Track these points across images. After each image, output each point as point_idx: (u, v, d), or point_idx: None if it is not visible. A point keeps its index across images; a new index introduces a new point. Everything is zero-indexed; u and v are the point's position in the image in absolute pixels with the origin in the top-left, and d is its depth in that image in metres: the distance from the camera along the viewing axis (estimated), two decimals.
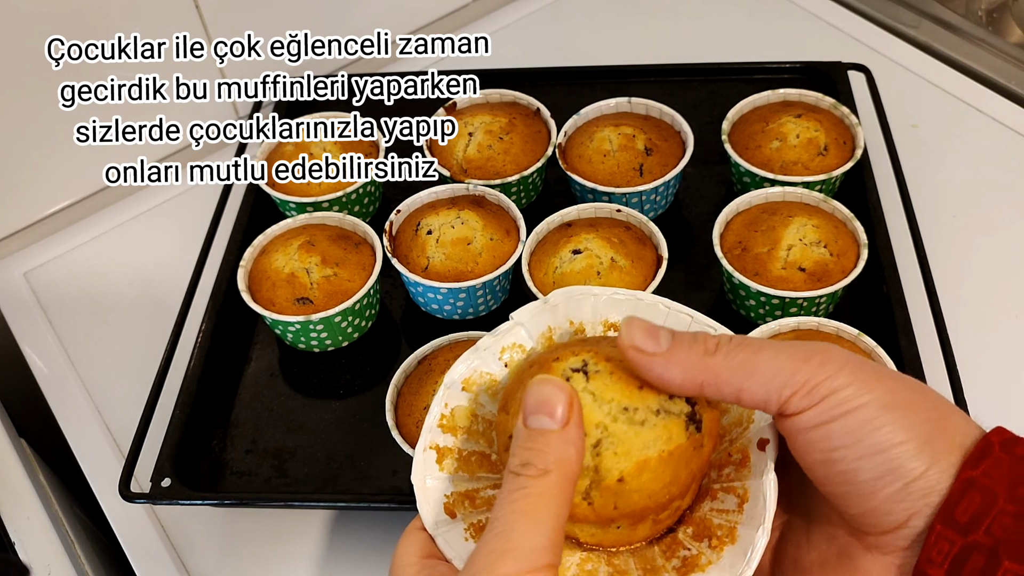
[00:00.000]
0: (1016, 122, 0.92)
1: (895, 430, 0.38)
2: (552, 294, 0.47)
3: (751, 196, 0.76)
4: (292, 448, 0.70)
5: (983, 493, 0.37)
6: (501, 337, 0.46)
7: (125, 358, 0.82)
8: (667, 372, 0.40)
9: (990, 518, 0.37)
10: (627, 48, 1.07)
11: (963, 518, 0.37)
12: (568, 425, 0.39)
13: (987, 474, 0.37)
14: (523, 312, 0.47)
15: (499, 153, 0.82)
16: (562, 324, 0.48)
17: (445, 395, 0.45)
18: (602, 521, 0.42)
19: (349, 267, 0.74)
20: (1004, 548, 0.36)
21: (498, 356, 0.47)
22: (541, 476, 0.38)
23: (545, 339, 0.47)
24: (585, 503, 0.41)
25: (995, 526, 0.37)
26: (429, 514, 0.43)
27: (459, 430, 0.45)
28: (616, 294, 0.48)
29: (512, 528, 0.36)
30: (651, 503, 0.41)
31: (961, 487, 0.37)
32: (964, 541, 0.37)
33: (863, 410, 0.38)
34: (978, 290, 0.79)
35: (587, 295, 0.48)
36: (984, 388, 0.70)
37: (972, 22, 1.03)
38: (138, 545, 0.70)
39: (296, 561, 0.68)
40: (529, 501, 0.37)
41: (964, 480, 0.38)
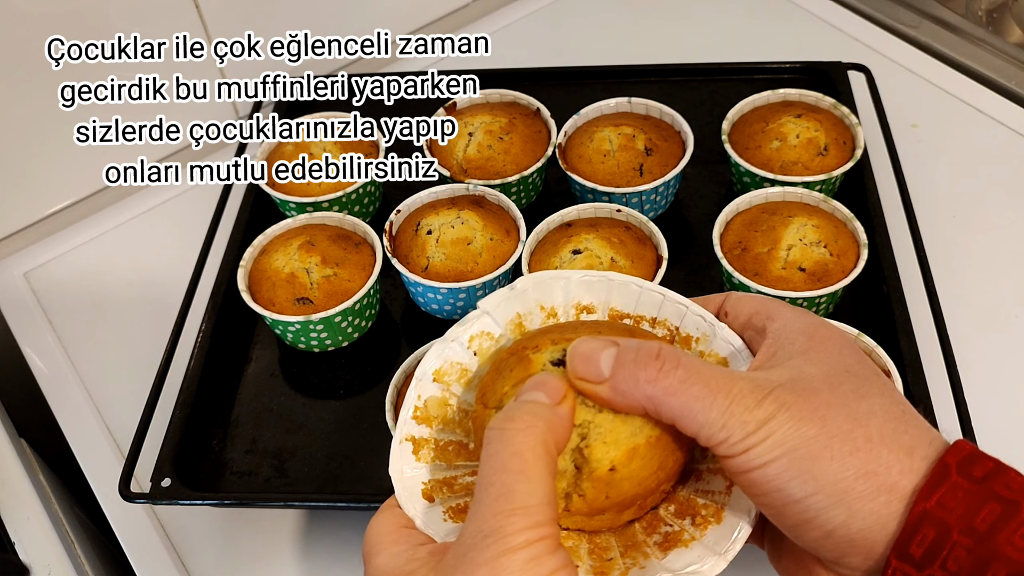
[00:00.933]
0: (1016, 122, 0.92)
1: (805, 482, 0.38)
2: (519, 280, 0.47)
3: (751, 196, 0.76)
4: (292, 448, 0.70)
5: (937, 527, 0.36)
6: (468, 326, 0.46)
7: (125, 358, 0.82)
8: (612, 400, 0.40)
9: (945, 552, 0.36)
10: (627, 48, 1.07)
11: (917, 552, 0.37)
12: (561, 404, 0.40)
13: (941, 505, 0.37)
14: (489, 300, 0.47)
15: (499, 153, 0.82)
16: (532, 310, 0.48)
17: (417, 387, 0.46)
18: (593, 512, 0.42)
19: (349, 267, 0.74)
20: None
21: (467, 345, 0.47)
22: (528, 428, 0.38)
23: (515, 326, 0.47)
24: (577, 495, 0.41)
25: (950, 561, 0.36)
26: (407, 500, 0.43)
27: (434, 420, 0.46)
28: (587, 276, 0.47)
29: (513, 489, 0.36)
30: (641, 490, 0.42)
31: (914, 520, 0.37)
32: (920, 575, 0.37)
33: (775, 463, 0.38)
34: (978, 290, 0.79)
35: (557, 279, 0.47)
36: (984, 388, 0.70)
37: (972, 22, 1.03)
38: (138, 545, 0.70)
39: (296, 561, 0.68)
40: (522, 460, 0.37)
41: (917, 513, 0.37)
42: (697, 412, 0.39)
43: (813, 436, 0.38)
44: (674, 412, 0.39)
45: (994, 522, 0.35)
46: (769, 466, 0.38)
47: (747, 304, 0.45)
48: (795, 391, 0.39)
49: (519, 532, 0.35)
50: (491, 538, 0.35)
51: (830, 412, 0.39)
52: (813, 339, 0.42)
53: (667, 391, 0.39)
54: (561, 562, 0.35)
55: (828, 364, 0.41)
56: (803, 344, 0.42)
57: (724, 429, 0.38)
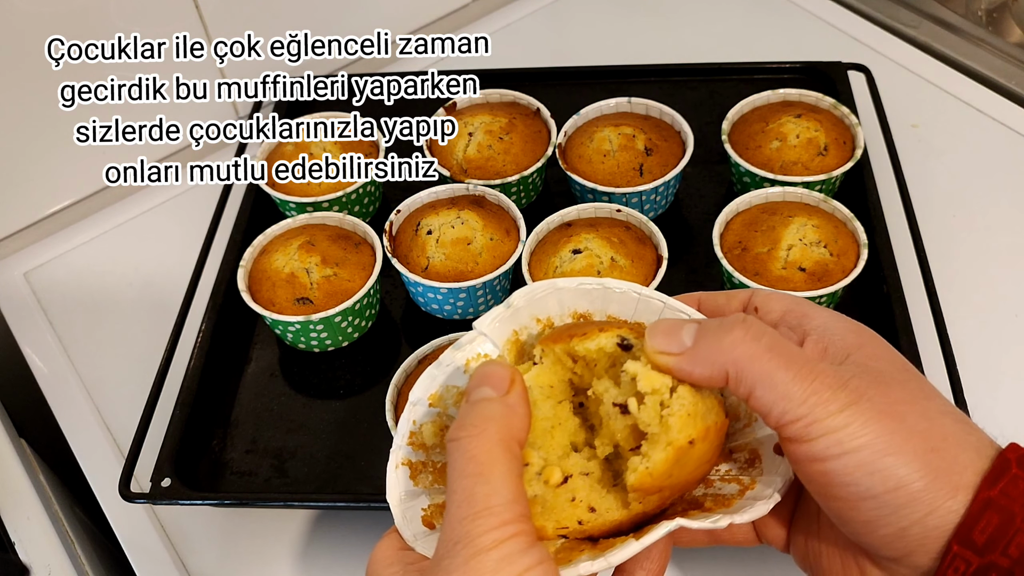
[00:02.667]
0: (1016, 122, 0.92)
1: (886, 478, 0.37)
2: (514, 296, 0.46)
3: (751, 196, 0.76)
4: (292, 448, 0.70)
5: (1000, 513, 0.36)
6: (464, 350, 0.45)
7: (125, 358, 0.82)
8: (695, 369, 0.40)
9: (1007, 538, 0.36)
10: (627, 48, 1.07)
11: (980, 539, 0.37)
12: (510, 392, 0.39)
13: (1005, 493, 0.37)
14: (485, 320, 0.46)
15: (499, 153, 0.82)
16: (528, 324, 0.47)
17: (412, 412, 0.45)
18: (647, 490, 0.40)
19: (349, 267, 0.74)
20: (1020, 569, 0.36)
21: (463, 369, 0.46)
22: (480, 433, 0.37)
23: (511, 344, 0.47)
24: (644, 467, 0.39)
25: (1012, 547, 0.36)
26: (407, 529, 0.43)
27: (429, 446, 0.45)
28: (583, 284, 0.47)
29: (473, 492, 0.36)
30: (695, 477, 0.41)
31: (979, 507, 0.37)
32: (981, 561, 0.37)
33: (860, 453, 0.37)
34: (978, 290, 0.79)
35: (550, 291, 0.47)
36: (984, 388, 0.70)
37: (972, 22, 1.03)
38: (138, 545, 0.70)
39: (296, 561, 0.68)
40: (478, 464, 0.37)
41: (982, 500, 0.37)
42: (779, 382, 0.38)
43: (894, 430, 0.37)
44: (755, 379, 0.38)
45: None
46: (849, 456, 0.37)
47: (778, 301, 0.45)
48: (871, 383, 0.39)
49: (486, 533, 0.35)
50: (460, 544, 0.35)
51: (906, 408, 0.38)
52: (862, 337, 0.42)
53: (752, 356, 0.38)
54: (536, 559, 0.35)
55: (887, 362, 0.41)
56: (854, 341, 0.41)
57: (805, 405, 0.37)
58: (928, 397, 0.40)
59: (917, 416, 0.38)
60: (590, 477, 0.43)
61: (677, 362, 0.40)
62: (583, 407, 0.46)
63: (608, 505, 0.43)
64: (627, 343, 0.43)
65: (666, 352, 0.40)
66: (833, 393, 0.38)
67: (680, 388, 0.40)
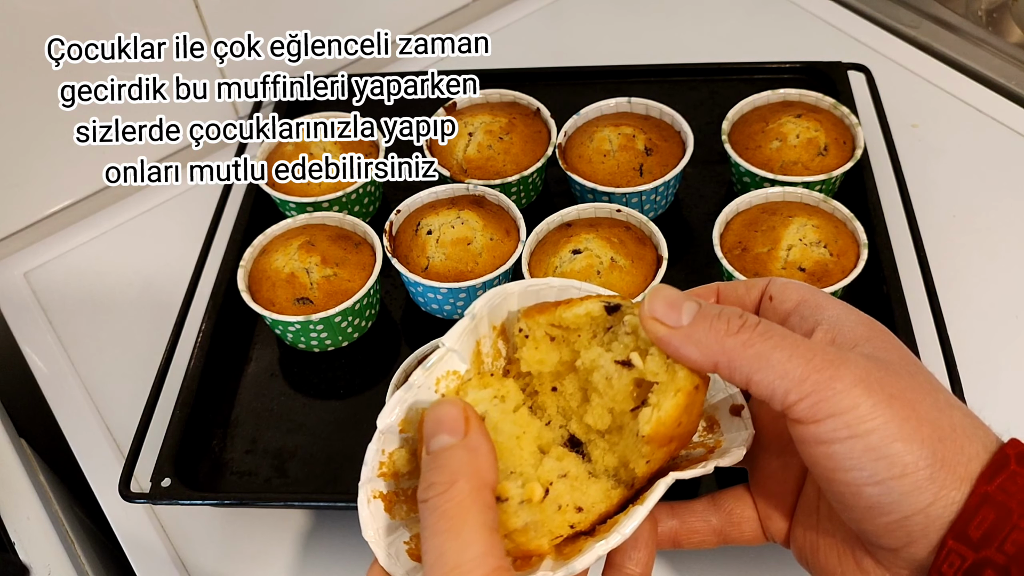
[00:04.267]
0: (1016, 122, 0.92)
1: (892, 465, 0.37)
2: (475, 305, 0.46)
3: (751, 196, 0.76)
4: (292, 448, 0.70)
5: (997, 509, 0.36)
6: (433, 368, 0.45)
7: (125, 358, 0.82)
8: (684, 348, 0.39)
9: (1003, 534, 0.36)
10: (627, 48, 1.07)
11: (976, 534, 0.36)
12: (468, 434, 0.38)
13: (1002, 489, 0.37)
14: (452, 335, 0.45)
15: (499, 153, 0.82)
16: (487, 333, 0.47)
17: (380, 442, 0.43)
18: (661, 440, 0.41)
19: (349, 267, 0.74)
20: (1015, 566, 0.36)
21: (433, 389, 0.45)
22: (448, 489, 0.37)
23: (475, 356, 0.46)
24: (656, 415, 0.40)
25: (1008, 543, 0.36)
26: (398, 568, 0.42)
27: (404, 473, 0.44)
28: (531, 285, 0.47)
29: (444, 550, 0.36)
30: (694, 428, 0.42)
31: (976, 502, 0.37)
32: (976, 556, 0.36)
33: (869, 437, 0.37)
34: (978, 290, 0.79)
35: (503, 296, 0.47)
36: (984, 388, 0.70)
37: (972, 22, 1.03)
38: (138, 545, 0.70)
39: (296, 561, 0.68)
40: (448, 520, 0.36)
41: (979, 495, 0.37)
42: (776, 361, 0.37)
43: (905, 416, 0.37)
44: (750, 363, 0.38)
45: None
46: (857, 440, 0.37)
47: (794, 291, 0.44)
48: (879, 368, 0.38)
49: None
50: None
51: (916, 396, 0.38)
52: (872, 329, 0.42)
53: (746, 343, 0.38)
54: None
55: (896, 354, 0.40)
56: (864, 332, 0.41)
57: (808, 382, 0.37)
58: (936, 390, 0.39)
59: (928, 405, 0.38)
60: (568, 477, 0.43)
61: (668, 335, 0.40)
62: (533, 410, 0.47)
63: (594, 498, 0.43)
64: (613, 304, 0.43)
65: (662, 321, 0.40)
66: (836, 370, 0.37)
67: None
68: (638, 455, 0.42)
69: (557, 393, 0.47)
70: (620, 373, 0.42)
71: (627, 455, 0.43)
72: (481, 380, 0.46)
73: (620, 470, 0.44)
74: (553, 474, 0.43)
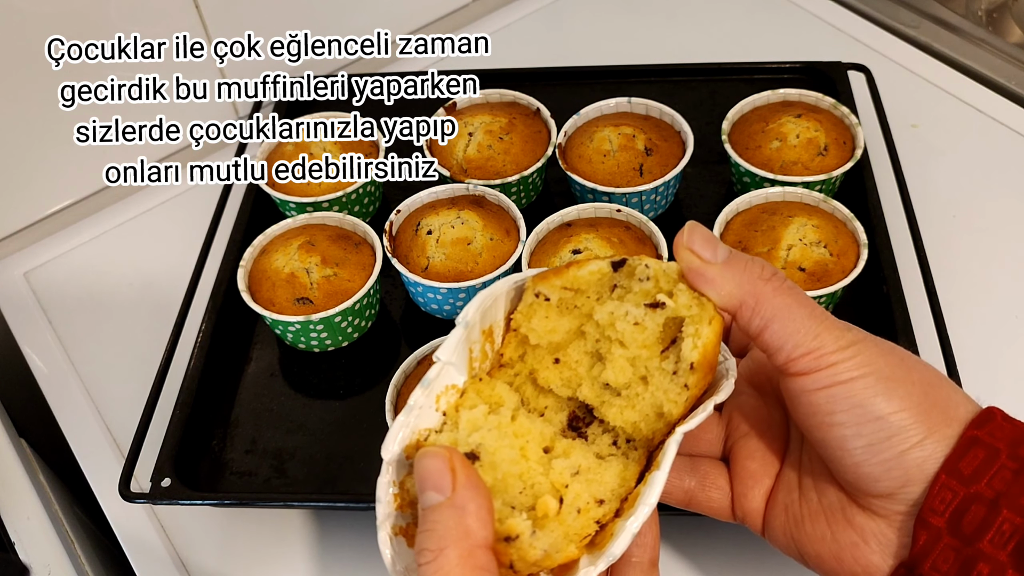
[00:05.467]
0: (1016, 122, 0.92)
1: (892, 399, 0.40)
2: (466, 312, 0.45)
3: (751, 196, 0.76)
4: (292, 448, 0.70)
5: (986, 450, 0.39)
6: (432, 386, 0.44)
7: (125, 358, 0.82)
8: (720, 278, 0.42)
9: (992, 471, 0.39)
10: (627, 48, 1.07)
11: (967, 470, 0.39)
12: (455, 490, 0.37)
13: (991, 434, 0.40)
14: (446, 349, 0.44)
15: (499, 153, 0.82)
16: (477, 338, 0.46)
17: (390, 473, 0.42)
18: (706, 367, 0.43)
19: (349, 267, 0.74)
20: (1004, 499, 0.39)
21: (435, 407, 0.44)
22: (437, 558, 0.36)
23: (469, 363, 0.46)
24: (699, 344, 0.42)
25: (996, 479, 0.39)
26: None
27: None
28: (517, 281, 0.48)
29: None
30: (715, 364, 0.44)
31: (966, 443, 0.40)
32: (967, 491, 0.39)
33: (864, 379, 0.40)
34: (978, 290, 0.79)
35: (493, 299, 0.47)
36: (984, 388, 0.70)
37: (972, 22, 1.03)
38: (138, 545, 0.70)
39: (296, 561, 0.68)
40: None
41: (968, 438, 0.40)
42: (797, 316, 0.41)
43: (896, 364, 0.41)
44: (775, 311, 0.41)
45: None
46: (856, 381, 0.40)
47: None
48: (872, 339, 0.42)
49: None
50: None
51: (908, 359, 0.42)
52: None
53: (777, 290, 0.42)
54: None
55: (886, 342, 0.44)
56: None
57: (817, 339, 0.41)
58: (925, 366, 0.43)
59: (920, 368, 0.42)
60: (581, 472, 0.43)
61: (703, 266, 0.42)
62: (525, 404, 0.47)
63: (611, 484, 0.43)
64: (618, 260, 0.45)
65: (697, 254, 0.42)
66: (840, 332, 0.41)
67: None
68: (674, 395, 0.43)
69: (560, 364, 0.47)
70: (649, 316, 0.44)
71: (658, 401, 0.44)
72: (475, 388, 0.46)
73: (640, 426, 0.45)
74: (566, 474, 0.42)
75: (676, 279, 0.44)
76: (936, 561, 0.40)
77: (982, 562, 0.38)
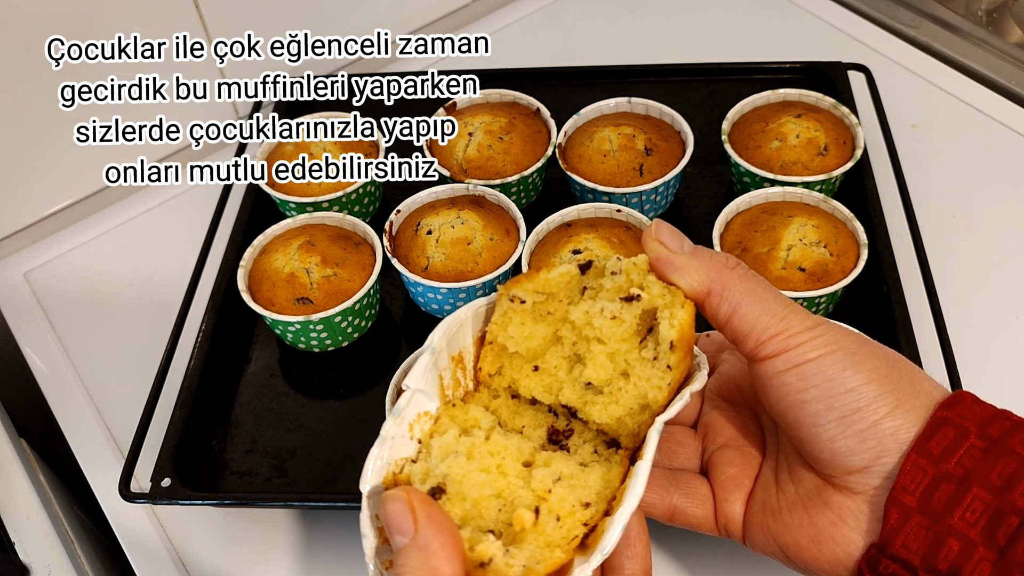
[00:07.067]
0: (1016, 122, 0.92)
1: (861, 371, 0.42)
2: (433, 338, 0.45)
3: (751, 196, 0.76)
4: (292, 448, 0.70)
5: (955, 429, 0.40)
6: (403, 415, 0.44)
7: (125, 358, 0.82)
8: (687, 266, 0.44)
9: (961, 451, 0.40)
10: (627, 48, 1.07)
11: (936, 450, 0.40)
12: (417, 531, 0.38)
13: (960, 415, 0.41)
14: (415, 375, 0.44)
15: (499, 153, 0.82)
16: (447, 365, 0.47)
17: (372, 506, 0.42)
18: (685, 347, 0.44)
19: (349, 267, 0.74)
20: (974, 476, 0.39)
21: (408, 435, 0.44)
22: None
23: (440, 391, 0.46)
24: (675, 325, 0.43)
25: (966, 458, 0.40)
26: None
27: None
28: (480, 306, 0.49)
29: None
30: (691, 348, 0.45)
31: (935, 423, 0.41)
32: (936, 471, 0.40)
33: (833, 355, 0.42)
34: (978, 290, 0.79)
35: (459, 325, 0.47)
36: (984, 388, 0.69)
37: (972, 22, 1.03)
38: (138, 545, 0.70)
39: (296, 561, 0.68)
40: None
41: (938, 418, 0.41)
42: (763, 299, 0.43)
43: (862, 343, 0.43)
44: (741, 296, 0.43)
45: (1006, 431, 0.40)
46: (825, 358, 0.42)
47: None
48: (836, 323, 0.44)
49: None
50: None
51: (869, 339, 0.45)
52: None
53: (742, 277, 0.44)
54: None
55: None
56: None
57: (784, 320, 0.43)
58: (889, 348, 0.45)
59: (884, 348, 0.45)
60: (563, 478, 0.43)
61: (670, 255, 0.44)
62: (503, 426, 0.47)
63: (596, 486, 0.43)
64: (585, 262, 0.46)
65: (665, 245, 0.45)
66: (805, 315, 0.44)
67: None
68: (657, 379, 0.44)
69: (540, 372, 0.48)
70: (626, 308, 0.45)
71: (642, 390, 0.45)
72: (449, 413, 0.46)
73: (625, 420, 0.45)
74: (548, 481, 0.42)
75: (646, 271, 0.45)
76: (907, 539, 0.41)
77: (952, 538, 0.39)
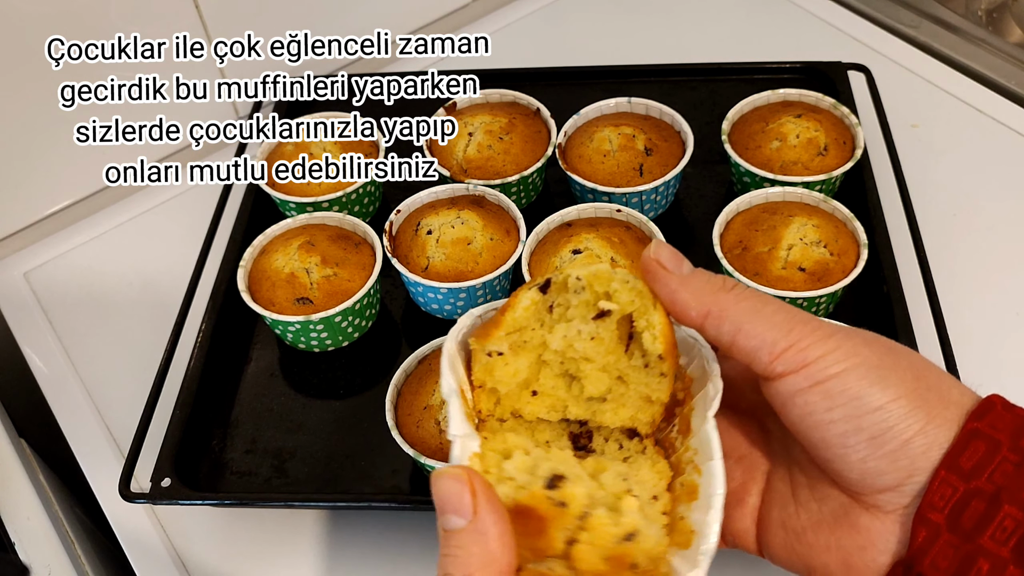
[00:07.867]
0: (1016, 122, 0.92)
1: (887, 388, 0.39)
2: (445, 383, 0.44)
3: (751, 196, 0.76)
4: (292, 448, 0.70)
5: (987, 442, 0.38)
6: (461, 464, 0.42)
7: (125, 358, 0.82)
8: (682, 289, 0.42)
9: (993, 465, 0.38)
10: (627, 48, 1.07)
11: (967, 465, 0.38)
12: (477, 515, 0.36)
13: (991, 425, 0.39)
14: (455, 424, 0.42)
15: (499, 153, 0.82)
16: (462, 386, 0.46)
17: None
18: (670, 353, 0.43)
19: (349, 267, 0.74)
20: (1005, 493, 0.38)
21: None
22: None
23: (468, 417, 0.45)
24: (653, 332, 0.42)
25: (997, 473, 0.38)
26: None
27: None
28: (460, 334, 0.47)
29: None
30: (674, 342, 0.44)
31: (966, 436, 0.39)
32: (967, 487, 0.38)
33: (856, 370, 0.39)
34: (978, 290, 0.79)
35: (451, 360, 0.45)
36: (984, 388, 0.69)
37: (972, 22, 1.03)
38: (138, 545, 0.70)
39: (296, 561, 0.68)
40: None
41: (969, 430, 0.39)
42: (765, 314, 0.40)
43: (884, 352, 0.40)
44: (742, 314, 0.41)
45: None
46: (848, 373, 0.39)
47: None
48: (850, 328, 0.41)
49: None
50: None
51: (889, 343, 0.41)
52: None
53: (739, 296, 0.41)
54: None
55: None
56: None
57: (791, 333, 0.40)
58: (911, 351, 0.42)
59: (906, 354, 0.41)
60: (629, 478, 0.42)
61: (667, 276, 0.42)
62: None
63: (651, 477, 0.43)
64: (543, 282, 0.45)
65: (663, 265, 0.43)
66: (814, 324, 0.40)
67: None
68: (655, 384, 0.44)
69: (539, 395, 0.47)
70: (601, 326, 0.44)
71: (643, 392, 0.44)
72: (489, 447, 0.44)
73: (637, 416, 0.45)
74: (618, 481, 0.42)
75: (609, 277, 0.44)
76: (935, 559, 0.39)
77: (982, 558, 0.37)
